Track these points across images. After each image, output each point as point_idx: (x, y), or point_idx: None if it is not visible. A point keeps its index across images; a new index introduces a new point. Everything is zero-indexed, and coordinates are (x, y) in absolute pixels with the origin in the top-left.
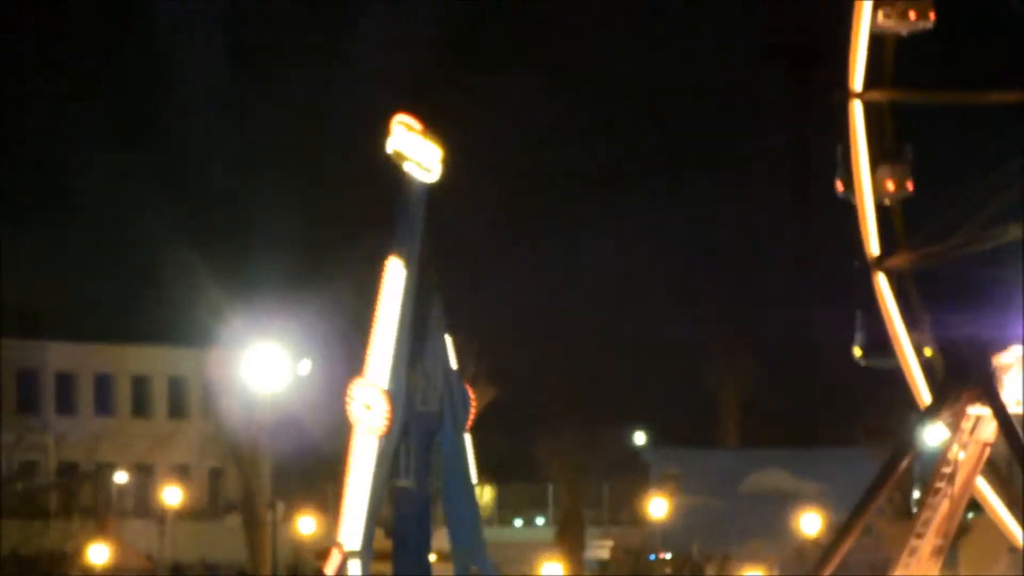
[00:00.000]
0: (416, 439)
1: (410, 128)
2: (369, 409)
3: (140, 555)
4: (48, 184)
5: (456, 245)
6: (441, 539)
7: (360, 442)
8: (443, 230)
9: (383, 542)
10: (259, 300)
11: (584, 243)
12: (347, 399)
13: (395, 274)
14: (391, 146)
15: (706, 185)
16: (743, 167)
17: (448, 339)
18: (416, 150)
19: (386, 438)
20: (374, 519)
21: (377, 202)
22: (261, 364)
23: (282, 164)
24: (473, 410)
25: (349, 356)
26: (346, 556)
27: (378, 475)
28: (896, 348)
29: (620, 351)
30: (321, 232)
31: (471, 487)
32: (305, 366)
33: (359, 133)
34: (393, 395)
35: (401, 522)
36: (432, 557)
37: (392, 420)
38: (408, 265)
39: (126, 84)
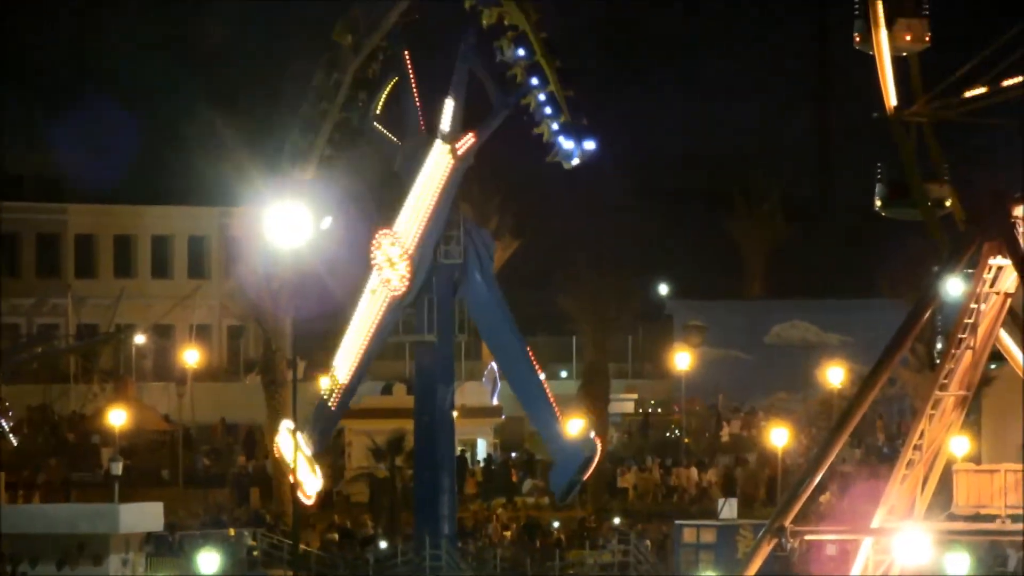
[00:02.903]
0: (439, 292)
1: None
2: (391, 265)
3: (159, 417)
4: (67, 45)
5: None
6: (463, 394)
7: (373, 285)
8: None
9: (405, 398)
10: (280, 156)
11: (604, 95)
12: (372, 244)
13: (444, 157)
14: None
15: (730, 41)
16: (765, 21)
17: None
18: None
19: (400, 299)
20: (364, 370)
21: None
22: (282, 221)
23: (308, 23)
24: (497, 255)
25: (371, 211)
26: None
27: (382, 326)
28: (916, 199)
29: (643, 202)
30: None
31: (514, 329)
32: (327, 222)
33: None
34: (417, 263)
35: (423, 377)
36: (455, 413)
37: (411, 286)
38: (457, 158)
39: None
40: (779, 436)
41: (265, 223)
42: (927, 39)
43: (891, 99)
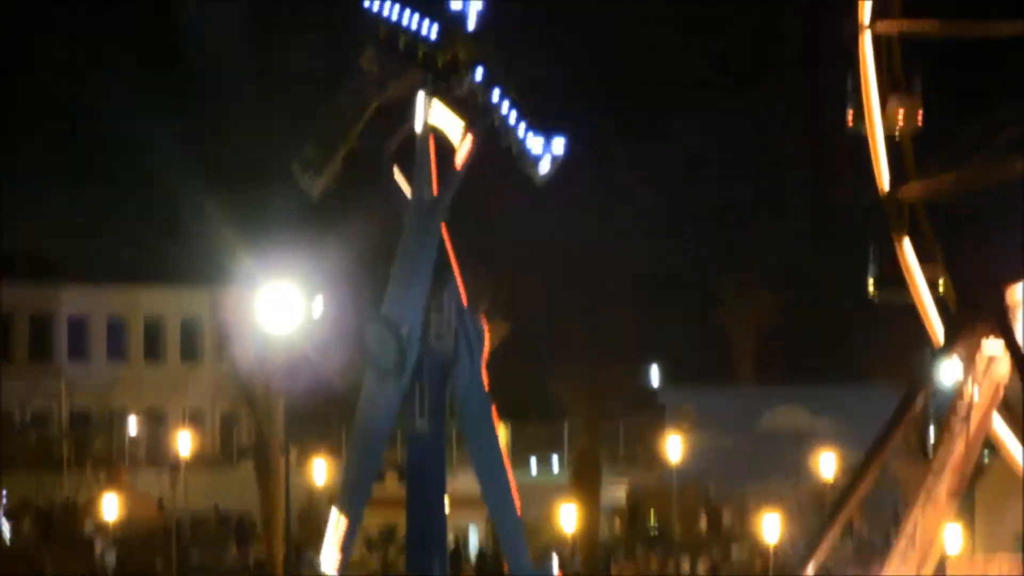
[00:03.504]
0: (430, 378)
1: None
2: (383, 348)
3: (152, 503)
4: (59, 127)
5: (468, 181)
6: (456, 482)
7: (370, 379)
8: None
9: (397, 488)
10: (272, 239)
11: (596, 180)
12: (361, 335)
13: (420, 218)
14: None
15: (717, 119)
16: (753, 101)
17: (457, 274)
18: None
19: (397, 377)
20: (378, 460)
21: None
22: (274, 304)
23: (297, 102)
24: (487, 343)
25: (362, 295)
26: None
27: (384, 415)
28: (909, 281)
29: (634, 288)
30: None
31: (491, 421)
32: (318, 305)
33: None
34: (407, 335)
35: (415, 465)
36: (447, 501)
37: (405, 359)
38: (435, 212)
39: (143, 22)
40: (771, 524)
41: (257, 306)
42: (919, 119)
43: (883, 180)
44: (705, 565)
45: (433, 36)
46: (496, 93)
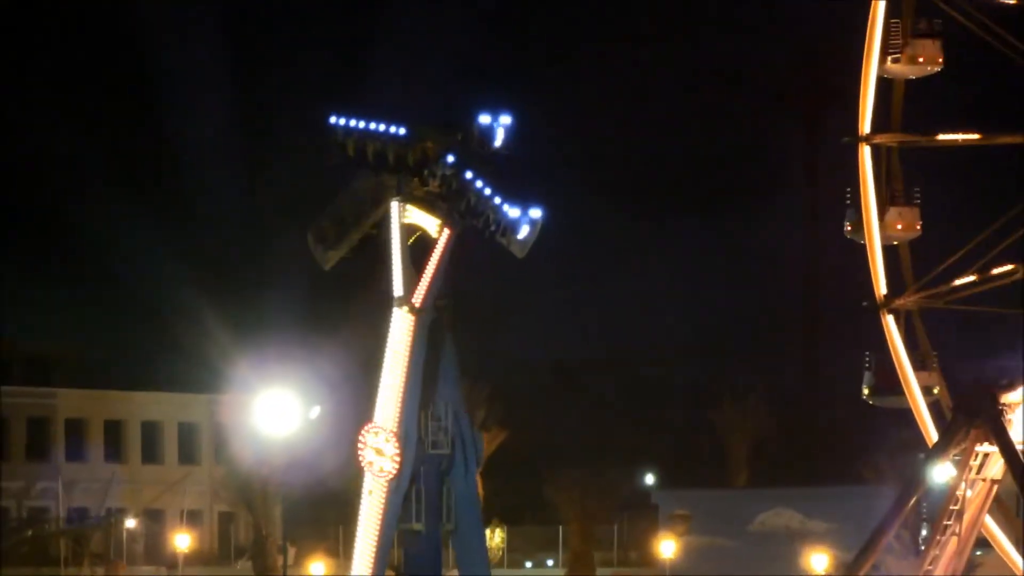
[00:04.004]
0: (427, 482)
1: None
2: (380, 454)
3: None
4: (59, 234)
5: (468, 291)
6: None
7: (370, 486)
8: (456, 277)
9: None
10: (269, 345)
11: (593, 289)
12: (358, 444)
13: (404, 320)
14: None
15: (715, 229)
16: (753, 211)
17: (458, 382)
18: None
19: (396, 482)
20: (384, 563)
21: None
22: (272, 409)
23: (293, 212)
24: (483, 451)
25: (359, 400)
26: None
27: (387, 518)
28: (904, 387)
29: (629, 393)
30: (330, 277)
31: (481, 529)
32: (315, 411)
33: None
34: (404, 439)
35: (411, 565)
36: None
37: (402, 465)
38: (417, 311)
39: (138, 135)
40: None
41: (255, 411)
42: (918, 228)
43: (881, 288)
44: None
45: (402, 133)
46: (469, 173)
